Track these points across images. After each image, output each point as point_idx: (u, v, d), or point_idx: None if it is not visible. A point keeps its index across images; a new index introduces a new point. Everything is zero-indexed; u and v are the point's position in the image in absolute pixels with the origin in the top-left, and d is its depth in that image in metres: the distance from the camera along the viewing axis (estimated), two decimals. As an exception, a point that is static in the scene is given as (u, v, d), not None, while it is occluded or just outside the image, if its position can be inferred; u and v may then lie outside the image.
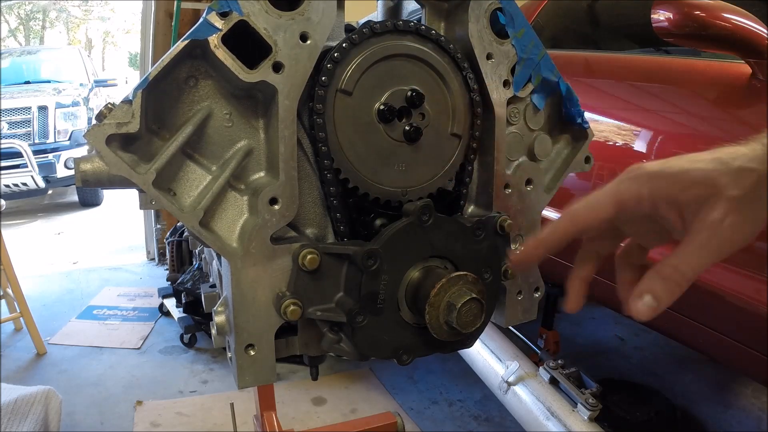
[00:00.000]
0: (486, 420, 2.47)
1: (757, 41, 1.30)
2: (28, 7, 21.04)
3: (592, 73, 2.01)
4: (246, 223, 0.76)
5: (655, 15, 1.37)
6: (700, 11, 1.30)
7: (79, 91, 7.42)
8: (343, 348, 0.79)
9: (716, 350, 1.57)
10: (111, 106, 0.67)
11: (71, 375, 2.95)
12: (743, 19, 1.30)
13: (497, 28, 0.87)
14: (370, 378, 2.83)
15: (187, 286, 3.26)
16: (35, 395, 1.76)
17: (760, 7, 1.60)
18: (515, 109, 0.93)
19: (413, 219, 0.76)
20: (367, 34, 0.77)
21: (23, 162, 6.20)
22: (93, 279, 4.50)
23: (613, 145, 1.75)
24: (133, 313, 3.79)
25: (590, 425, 1.61)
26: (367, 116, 0.79)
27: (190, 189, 0.74)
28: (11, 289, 3.16)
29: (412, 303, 0.77)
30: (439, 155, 0.85)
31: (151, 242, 4.96)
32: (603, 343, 3.21)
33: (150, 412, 2.57)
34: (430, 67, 0.82)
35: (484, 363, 2.03)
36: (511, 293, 0.94)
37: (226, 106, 0.76)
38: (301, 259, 0.74)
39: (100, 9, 23.40)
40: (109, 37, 24.91)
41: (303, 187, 0.79)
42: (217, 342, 0.84)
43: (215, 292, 1.14)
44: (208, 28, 0.68)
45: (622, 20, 2.42)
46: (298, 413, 2.54)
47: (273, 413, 1.78)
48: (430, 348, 0.82)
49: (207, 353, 3.15)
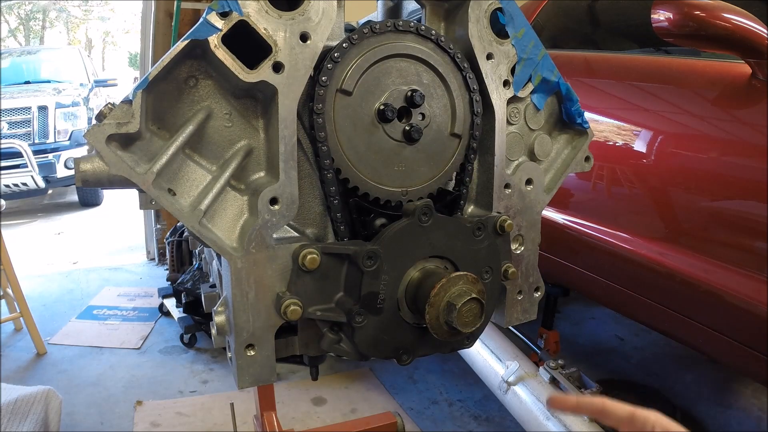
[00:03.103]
0: (486, 420, 2.46)
1: (757, 41, 1.30)
2: (28, 7, 21.03)
3: (592, 73, 2.01)
4: (246, 223, 0.76)
5: (655, 15, 1.37)
6: (700, 11, 1.30)
7: (79, 91, 7.41)
8: (343, 348, 0.79)
9: (716, 350, 1.57)
10: (111, 106, 0.67)
11: (71, 375, 2.95)
12: (743, 19, 1.30)
13: (497, 28, 0.87)
14: (370, 378, 2.83)
15: (187, 286, 3.26)
16: (35, 395, 1.76)
17: (760, 7, 1.60)
18: (515, 109, 0.93)
19: (413, 219, 0.76)
20: (367, 34, 0.77)
21: (23, 162, 6.19)
22: (93, 279, 4.50)
23: (613, 145, 1.75)
24: (133, 313, 3.79)
25: (590, 425, 1.61)
26: (367, 116, 0.79)
27: (190, 189, 0.74)
28: (11, 289, 3.16)
29: (412, 303, 0.77)
30: (439, 155, 0.85)
31: (151, 242, 4.96)
32: (603, 343, 3.21)
33: (150, 412, 2.56)
34: (430, 67, 0.82)
35: (484, 363, 2.03)
36: (511, 293, 0.94)
37: (226, 106, 0.76)
38: (301, 259, 0.74)
39: (100, 9, 23.40)
40: (109, 37, 24.91)
41: (303, 187, 0.79)
42: (217, 342, 0.84)
43: (215, 292, 1.14)
44: (208, 28, 0.68)
45: (622, 20, 2.41)
46: (298, 413, 2.54)
47: (273, 413, 1.78)
48: (430, 348, 0.82)
49: (207, 353, 3.15)
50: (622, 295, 1.77)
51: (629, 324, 3.28)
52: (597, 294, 2.03)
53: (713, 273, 1.44)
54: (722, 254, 1.44)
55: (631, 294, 1.73)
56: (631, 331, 3.28)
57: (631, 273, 1.72)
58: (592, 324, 3.45)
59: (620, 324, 3.37)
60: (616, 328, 3.35)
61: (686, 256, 1.51)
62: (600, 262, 1.85)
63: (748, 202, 1.41)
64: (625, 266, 1.72)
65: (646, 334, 3.19)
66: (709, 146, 1.51)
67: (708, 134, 1.55)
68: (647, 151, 1.66)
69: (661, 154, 1.63)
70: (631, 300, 1.75)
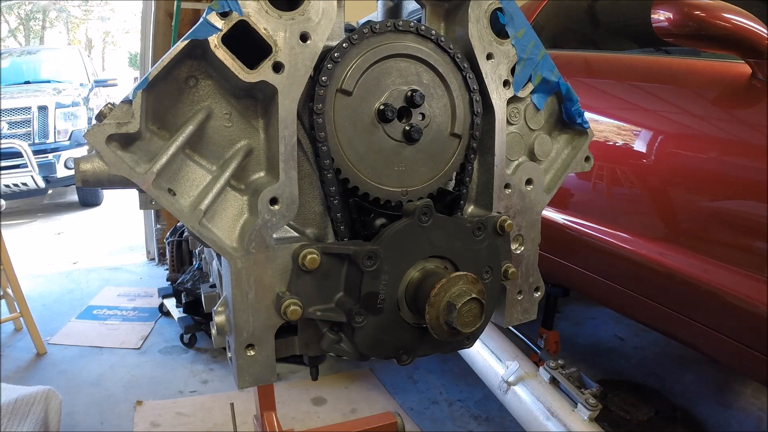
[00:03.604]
0: (486, 420, 2.46)
1: (757, 41, 1.30)
2: (28, 7, 21.03)
3: (592, 73, 2.01)
4: (246, 223, 0.76)
5: (655, 15, 1.37)
6: (700, 11, 1.30)
7: (79, 91, 7.41)
8: (343, 348, 0.79)
9: (716, 350, 1.57)
10: (111, 106, 0.67)
11: (71, 375, 2.95)
12: (743, 19, 1.30)
13: (497, 28, 0.87)
14: (370, 378, 2.83)
15: (187, 286, 3.26)
16: (35, 395, 1.76)
17: (760, 7, 1.60)
18: (515, 109, 0.93)
19: (413, 219, 0.76)
20: (367, 34, 0.77)
21: (23, 162, 6.19)
22: (93, 279, 4.50)
23: (613, 145, 1.75)
24: (133, 313, 3.79)
25: (590, 425, 1.61)
26: (367, 116, 0.79)
27: (190, 189, 0.74)
28: (11, 289, 3.16)
29: (412, 303, 0.77)
30: (439, 155, 0.85)
31: (151, 242, 4.96)
32: (603, 343, 3.21)
33: (150, 412, 2.56)
34: (430, 67, 0.82)
35: (484, 363, 2.03)
36: (511, 293, 0.94)
37: (226, 106, 0.76)
38: (301, 259, 0.74)
39: (100, 9, 23.40)
40: (109, 37, 24.92)
41: (303, 187, 0.79)
42: (217, 342, 0.84)
43: (215, 292, 1.14)
44: (208, 28, 0.68)
45: (622, 20, 2.41)
46: (298, 413, 2.54)
47: (273, 413, 1.78)
48: (430, 348, 0.82)
49: (207, 353, 3.15)
50: (622, 295, 1.77)
51: (629, 324, 3.28)
52: (597, 294, 2.03)
53: (713, 273, 1.44)
54: (722, 254, 1.44)
55: (631, 294, 1.73)
56: (631, 331, 3.28)
57: (631, 273, 1.72)
58: (592, 324, 3.45)
59: (620, 324, 3.37)
60: (616, 328, 3.35)
61: (686, 256, 1.51)
62: (600, 262, 1.85)
63: (748, 202, 1.41)
64: (625, 266, 1.72)
65: (646, 334, 3.19)
66: (709, 146, 1.51)
67: (708, 134, 1.55)
68: (647, 151, 1.66)
69: (661, 154, 1.63)
70: (631, 300, 1.75)
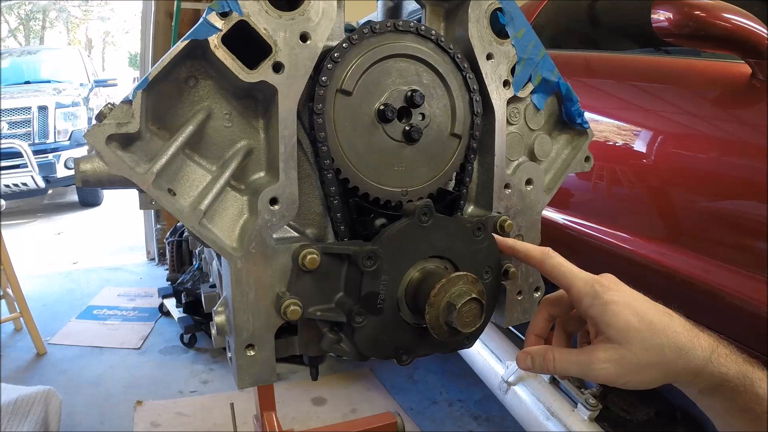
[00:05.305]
0: (486, 420, 2.46)
1: (757, 41, 1.30)
2: (28, 7, 21.04)
3: (592, 73, 2.01)
4: (246, 223, 0.76)
5: (655, 15, 1.37)
6: (700, 11, 1.30)
7: (79, 91, 7.42)
8: (343, 348, 0.79)
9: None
10: (111, 106, 0.67)
11: (71, 375, 2.95)
12: (743, 19, 1.30)
13: (497, 28, 0.87)
14: (370, 378, 2.83)
15: (187, 286, 3.26)
16: (35, 395, 1.76)
17: (760, 7, 1.60)
18: (515, 109, 0.93)
19: (413, 219, 0.76)
20: (367, 34, 0.77)
21: (23, 162, 6.20)
22: (93, 279, 4.50)
23: (613, 145, 1.75)
24: (133, 313, 3.79)
25: (590, 425, 1.61)
26: (367, 116, 0.79)
27: (190, 189, 0.74)
28: (11, 289, 3.16)
29: (412, 303, 0.77)
30: (439, 155, 0.85)
31: (151, 242, 4.96)
32: (603, 343, 3.21)
33: (150, 412, 2.56)
34: (430, 68, 0.82)
35: (484, 363, 2.03)
36: (511, 293, 0.94)
37: (226, 106, 0.76)
38: (301, 259, 0.74)
39: (100, 9, 23.41)
40: (109, 37, 24.92)
41: (303, 187, 0.79)
42: (217, 342, 0.84)
43: (215, 292, 1.14)
44: (208, 28, 0.68)
45: (622, 20, 2.41)
46: (298, 413, 2.54)
47: (273, 413, 1.78)
48: (430, 348, 0.82)
49: (207, 353, 3.15)
50: (622, 295, 1.77)
51: (629, 324, 3.28)
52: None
53: (713, 273, 1.44)
54: (722, 254, 1.44)
55: (631, 294, 1.73)
56: (631, 331, 3.28)
57: (631, 273, 1.72)
58: (592, 324, 3.45)
59: (620, 324, 3.37)
60: (616, 328, 3.35)
61: (686, 256, 1.51)
62: (600, 262, 1.85)
63: (748, 202, 1.41)
64: (625, 266, 1.72)
65: (646, 334, 3.18)
66: (709, 146, 1.51)
67: (708, 134, 1.55)
68: (647, 151, 1.66)
69: (661, 154, 1.63)
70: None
